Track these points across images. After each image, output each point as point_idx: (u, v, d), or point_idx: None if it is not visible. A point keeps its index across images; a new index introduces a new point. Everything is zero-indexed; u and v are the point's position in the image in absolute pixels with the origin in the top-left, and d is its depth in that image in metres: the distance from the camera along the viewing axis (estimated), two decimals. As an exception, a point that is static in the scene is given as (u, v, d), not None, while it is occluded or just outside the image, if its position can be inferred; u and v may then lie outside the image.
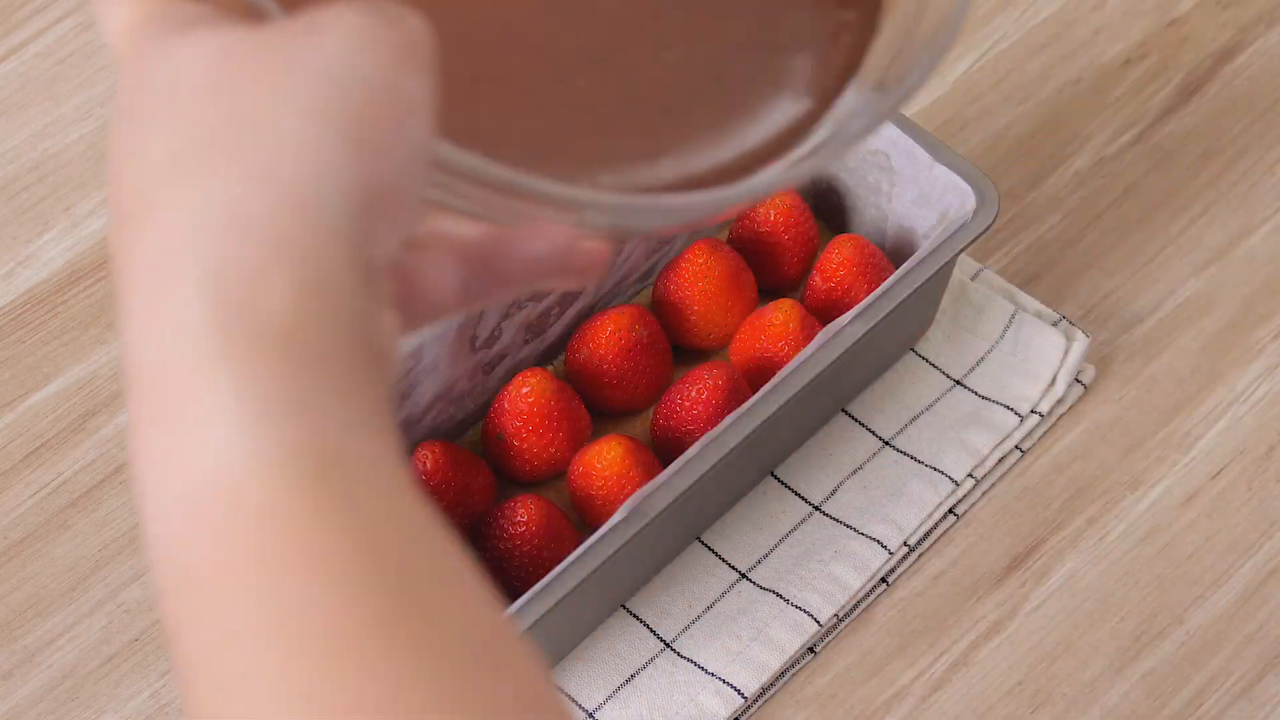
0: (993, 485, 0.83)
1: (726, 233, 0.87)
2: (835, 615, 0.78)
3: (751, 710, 0.77)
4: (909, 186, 0.82)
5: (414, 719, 0.30)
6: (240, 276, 0.33)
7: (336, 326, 0.34)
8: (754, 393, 0.77)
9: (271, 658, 0.31)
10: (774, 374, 0.78)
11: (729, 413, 0.76)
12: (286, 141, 0.35)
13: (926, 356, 0.86)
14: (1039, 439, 0.84)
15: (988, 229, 0.78)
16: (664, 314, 0.83)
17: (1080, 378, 0.85)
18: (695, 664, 0.77)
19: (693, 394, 0.78)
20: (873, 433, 0.83)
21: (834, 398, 0.83)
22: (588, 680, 0.77)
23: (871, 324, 0.76)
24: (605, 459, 0.76)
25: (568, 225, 0.40)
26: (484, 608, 0.33)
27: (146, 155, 0.36)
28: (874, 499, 0.81)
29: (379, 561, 0.31)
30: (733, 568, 0.80)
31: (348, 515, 0.32)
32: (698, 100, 0.47)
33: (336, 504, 0.32)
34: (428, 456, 0.76)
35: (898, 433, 0.83)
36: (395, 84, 0.36)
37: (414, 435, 0.78)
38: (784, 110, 0.48)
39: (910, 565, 0.80)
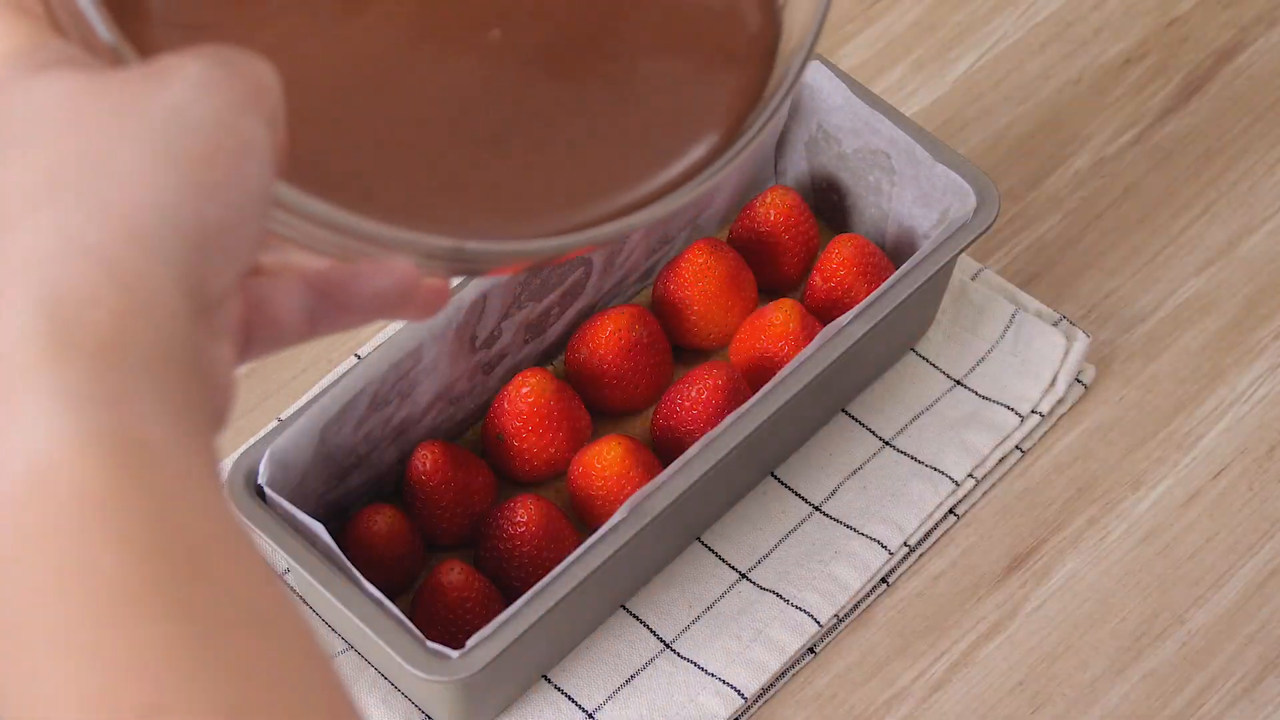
0: (993, 485, 0.83)
1: (727, 232, 0.87)
2: (835, 615, 0.78)
3: (751, 710, 0.77)
4: (909, 186, 0.82)
5: (182, 673, 0.33)
6: (72, 295, 0.36)
7: (159, 345, 0.37)
8: (754, 393, 0.77)
9: (58, 613, 0.33)
10: (774, 374, 0.78)
11: (729, 413, 0.76)
12: (126, 178, 0.38)
13: (927, 356, 0.85)
14: (1039, 439, 0.84)
15: (988, 229, 0.78)
16: (664, 314, 0.83)
17: (1081, 378, 0.85)
18: (695, 664, 0.77)
19: (693, 394, 0.78)
20: (873, 433, 0.83)
21: (834, 398, 0.83)
22: (587, 681, 0.77)
23: (872, 324, 0.76)
24: (605, 459, 0.76)
25: (408, 264, 0.44)
26: (265, 585, 0.36)
27: (3, 183, 0.39)
28: (874, 499, 0.81)
29: (167, 536, 0.35)
30: (733, 568, 0.80)
31: (144, 494, 0.35)
32: (548, 146, 0.50)
33: (135, 484, 0.35)
34: (427, 456, 0.76)
35: (898, 433, 0.83)
36: (233, 128, 0.40)
37: (413, 435, 0.78)
38: (655, 155, 0.51)
39: (910, 565, 0.80)
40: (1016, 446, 0.83)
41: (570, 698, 0.76)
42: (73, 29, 0.43)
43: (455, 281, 0.77)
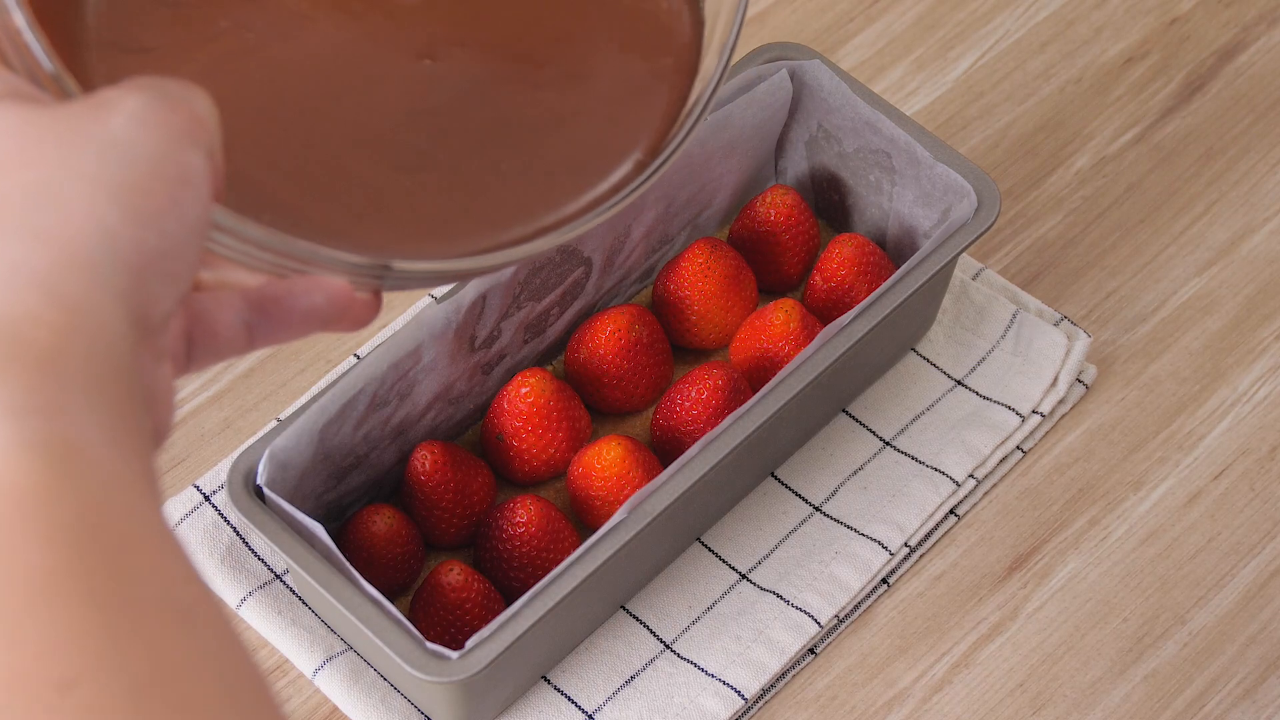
0: (994, 486, 0.83)
1: (727, 232, 0.87)
2: (836, 616, 0.78)
3: (752, 711, 0.77)
4: (910, 186, 0.82)
5: (97, 650, 0.35)
6: (13, 314, 0.38)
7: (99, 363, 0.39)
8: (754, 393, 0.77)
9: None
10: (774, 374, 0.78)
11: (729, 413, 0.76)
12: (68, 208, 0.40)
13: (927, 356, 0.85)
14: (1040, 439, 0.84)
15: (989, 228, 0.78)
16: (664, 314, 0.83)
17: (1082, 378, 0.85)
18: (695, 665, 0.77)
19: (693, 394, 0.78)
20: (873, 433, 0.83)
21: (835, 398, 0.82)
22: (587, 681, 0.76)
23: (872, 324, 0.76)
24: (605, 459, 0.76)
25: (341, 281, 0.47)
26: (186, 581, 0.38)
27: None
28: (875, 499, 0.81)
29: (91, 532, 0.37)
30: (733, 569, 0.79)
31: (72, 495, 0.37)
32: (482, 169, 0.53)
33: (65, 485, 0.37)
34: (426, 457, 0.76)
35: (899, 433, 0.83)
36: (171, 159, 0.42)
37: (413, 435, 0.78)
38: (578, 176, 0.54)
39: (911, 566, 0.80)
40: (1018, 447, 0.83)
41: (570, 698, 0.76)
42: (16, 59, 0.45)
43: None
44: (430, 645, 0.68)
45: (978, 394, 0.84)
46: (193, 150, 0.42)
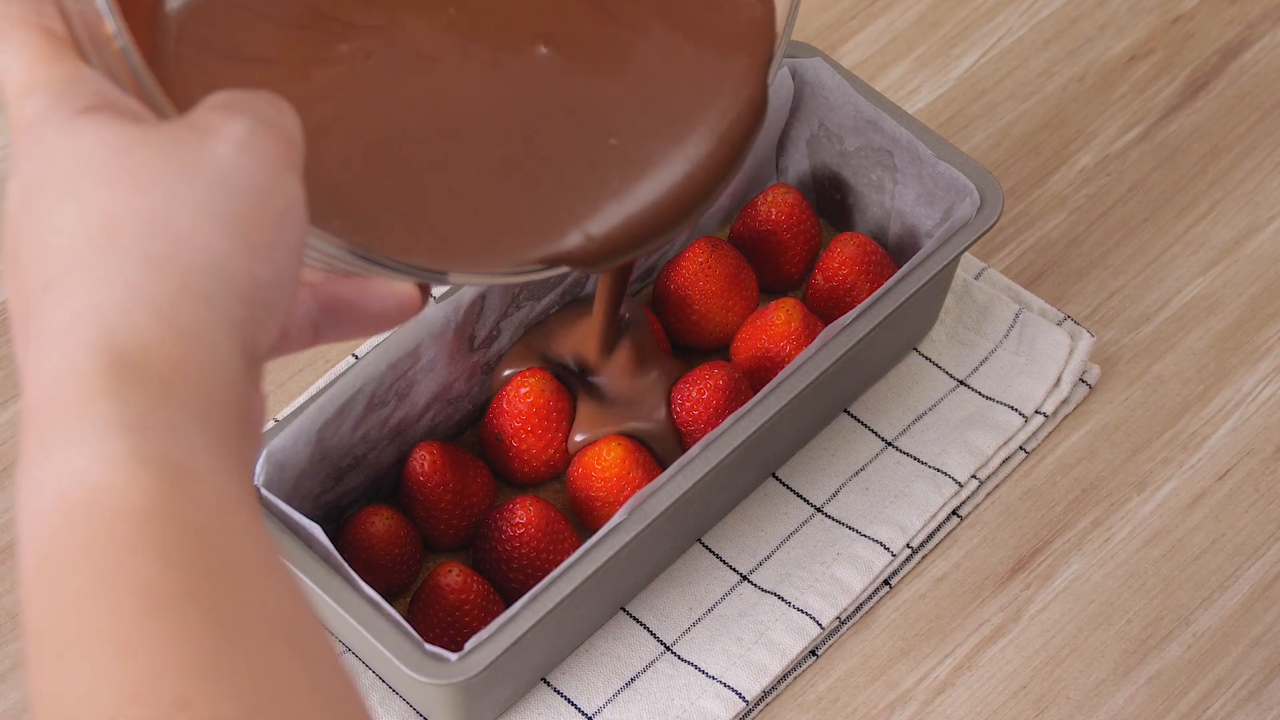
0: (996, 486, 0.82)
1: (728, 231, 0.86)
2: (837, 618, 0.78)
3: (753, 714, 0.76)
4: (912, 184, 0.82)
5: (211, 671, 0.36)
6: (133, 340, 0.39)
7: (210, 389, 0.40)
8: (755, 393, 0.77)
9: (102, 613, 0.36)
10: (775, 374, 0.77)
11: (730, 413, 0.75)
12: (183, 238, 0.41)
13: (930, 356, 0.85)
14: (1043, 440, 0.83)
15: (991, 227, 0.78)
16: (665, 313, 0.82)
17: (1085, 378, 0.85)
18: (696, 667, 0.76)
19: (693, 394, 0.77)
20: (875, 433, 0.83)
21: (836, 398, 0.82)
22: (587, 683, 0.76)
23: (874, 323, 0.75)
24: (605, 459, 0.76)
25: (412, 288, 0.49)
26: (294, 604, 0.39)
27: (57, 230, 0.41)
28: (876, 500, 0.81)
29: (206, 551, 0.37)
30: (734, 570, 0.79)
31: (187, 514, 0.38)
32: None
33: (180, 504, 0.38)
34: (425, 457, 0.76)
35: (901, 433, 0.83)
36: (276, 187, 0.42)
37: (411, 436, 0.78)
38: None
39: (913, 567, 0.80)
40: (1020, 447, 0.83)
41: (570, 700, 0.76)
42: (97, 58, 0.45)
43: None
44: (429, 647, 0.68)
45: (980, 394, 0.84)
46: (294, 178, 0.43)
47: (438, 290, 0.85)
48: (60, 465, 0.38)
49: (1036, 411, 0.83)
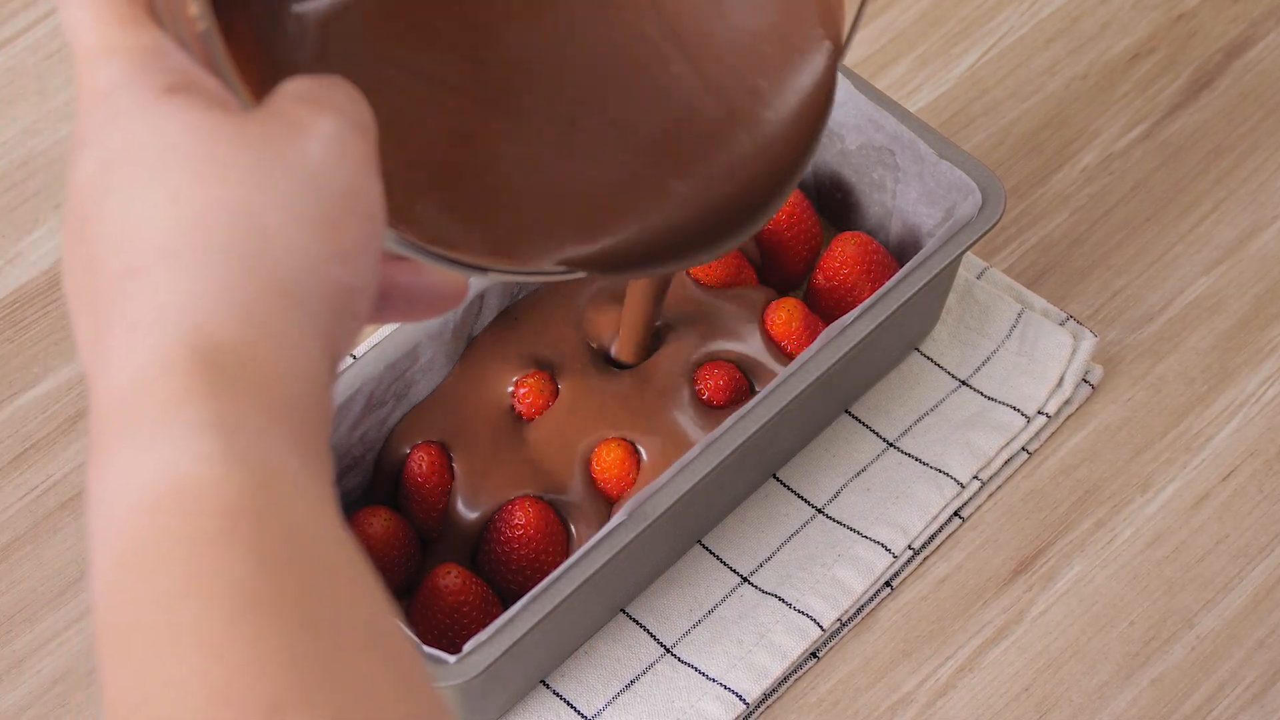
0: (999, 487, 0.82)
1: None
2: (838, 620, 0.77)
3: (753, 716, 0.76)
4: (913, 183, 0.81)
5: (304, 677, 0.35)
6: (225, 341, 0.38)
7: (297, 394, 0.39)
8: (756, 392, 0.76)
9: (190, 612, 0.35)
10: (776, 374, 0.77)
11: (731, 413, 0.75)
12: (273, 238, 0.40)
13: (931, 356, 0.85)
14: (1046, 440, 0.83)
15: (993, 226, 0.77)
16: (664, 313, 0.82)
17: (1088, 378, 0.84)
18: (696, 669, 0.76)
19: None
20: (877, 434, 0.82)
21: (837, 398, 0.82)
22: (587, 686, 0.76)
23: (876, 323, 0.75)
24: (605, 460, 0.75)
25: (463, 277, 0.50)
26: (383, 611, 0.38)
27: (142, 217, 0.39)
28: (878, 501, 0.80)
29: (298, 555, 0.37)
30: (734, 571, 0.79)
31: (278, 516, 0.37)
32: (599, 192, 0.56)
33: (271, 506, 0.37)
34: (423, 458, 0.75)
35: (902, 434, 0.82)
36: (363, 190, 0.42)
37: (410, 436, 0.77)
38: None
39: (915, 569, 0.80)
40: (1023, 448, 0.83)
41: (569, 703, 0.75)
42: (173, 25, 0.43)
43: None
44: (427, 649, 0.67)
45: (982, 394, 0.83)
46: (378, 181, 0.42)
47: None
48: (149, 460, 0.37)
49: (1039, 412, 0.83)
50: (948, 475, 0.81)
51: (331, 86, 0.43)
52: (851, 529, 0.80)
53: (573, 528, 0.75)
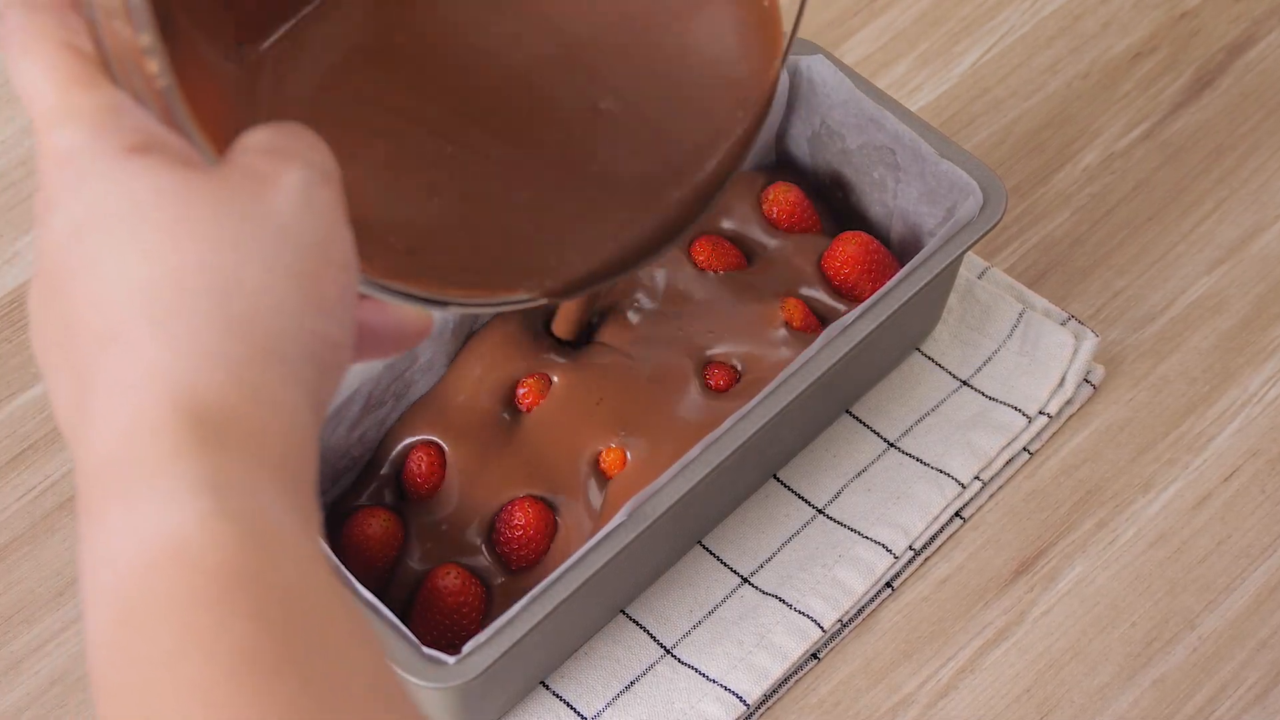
0: (1000, 488, 0.82)
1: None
2: (839, 621, 0.77)
3: (753, 717, 0.76)
4: (914, 183, 0.81)
5: None
6: (212, 401, 0.39)
7: (287, 451, 0.40)
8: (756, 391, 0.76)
9: (193, 671, 0.36)
10: (777, 374, 0.77)
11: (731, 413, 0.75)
12: (255, 296, 0.40)
13: (932, 356, 0.84)
14: (1047, 440, 0.83)
15: (994, 226, 0.77)
16: (664, 313, 0.82)
17: (1089, 378, 0.84)
18: (696, 670, 0.76)
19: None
20: (877, 434, 0.82)
21: (838, 399, 0.82)
22: (587, 687, 0.76)
23: (876, 323, 0.75)
24: (605, 460, 0.75)
25: (426, 314, 0.50)
26: (383, 666, 0.38)
27: (117, 279, 0.40)
28: (879, 502, 0.80)
29: (296, 613, 0.37)
30: (735, 572, 0.79)
31: (274, 574, 0.37)
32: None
33: (267, 564, 0.37)
34: (422, 459, 0.75)
35: (903, 434, 0.82)
36: (335, 241, 0.42)
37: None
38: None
39: (916, 569, 0.79)
40: (1024, 448, 0.82)
41: (569, 704, 0.75)
42: (126, 80, 0.43)
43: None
44: (427, 650, 0.67)
45: (983, 394, 0.83)
46: (347, 228, 0.42)
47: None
48: (142, 520, 0.37)
49: (1040, 412, 0.82)
50: (949, 475, 0.80)
51: (293, 135, 0.43)
52: (852, 529, 0.79)
53: (560, 523, 0.75)
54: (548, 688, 0.76)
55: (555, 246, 0.57)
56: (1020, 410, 0.82)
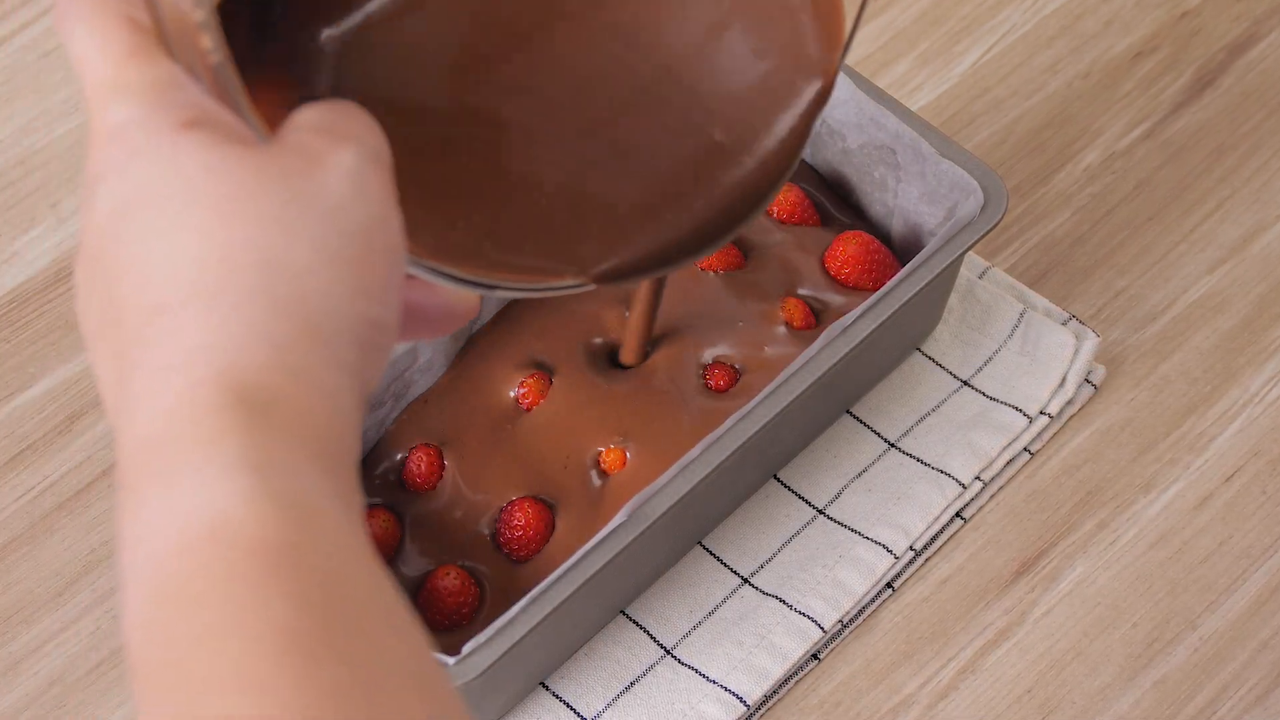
0: (1001, 488, 0.81)
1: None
2: (840, 621, 0.77)
3: (754, 718, 0.76)
4: (915, 182, 0.81)
5: (345, 715, 0.35)
6: (257, 382, 0.38)
7: (328, 430, 0.39)
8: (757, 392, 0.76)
9: (232, 649, 0.35)
10: (777, 374, 0.77)
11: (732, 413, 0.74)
12: (302, 276, 0.39)
13: (933, 356, 0.84)
14: (1048, 441, 0.83)
15: (995, 226, 0.77)
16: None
17: (1090, 378, 0.84)
18: (696, 671, 0.76)
19: (694, 395, 0.77)
20: (878, 434, 0.82)
21: (838, 399, 0.81)
22: (586, 688, 0.75)
23: (877, 323, 0.74)
24: (604, 462, 0.75)
25: (474, 294, 0.51)
26: (421, 649, 0.38)
27: (165, 256, 0.39)
28: (879, 502, 0.80)
29: (336, 594, 0.37)
30: (735, 573, 0.78)
31: (315, 555, 0.37)
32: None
33: (308, 544, 0.37)
34: (422, 459, 0.75)
35: (904, 434, 0.82)
36: (384, 224, 0.41)
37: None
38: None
39: (916, 570, 0.79)
40: (1025, 448, 0.82)
41: (569, 705, 0.75)
42: (182, 54, 0.42)
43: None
44: (425, 652, 0.67)
45: (984, 395, 0.83)
46: (397, 213, 0.42)
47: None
48: (183, 499, 0.37)
49: (1041, 412, 0.82)
50: (949, 476, 0.80)
51: (347, 115, 0.43)
52: (853, 530, 0.79)
53: (559, 523, 0.75)
54: (547, 688, 0.75)
55: (605, 233, 0.56)
56: (1021, 410, 0.82)
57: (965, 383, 0.84)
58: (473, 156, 0.53)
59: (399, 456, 0.77)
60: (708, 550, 0.79)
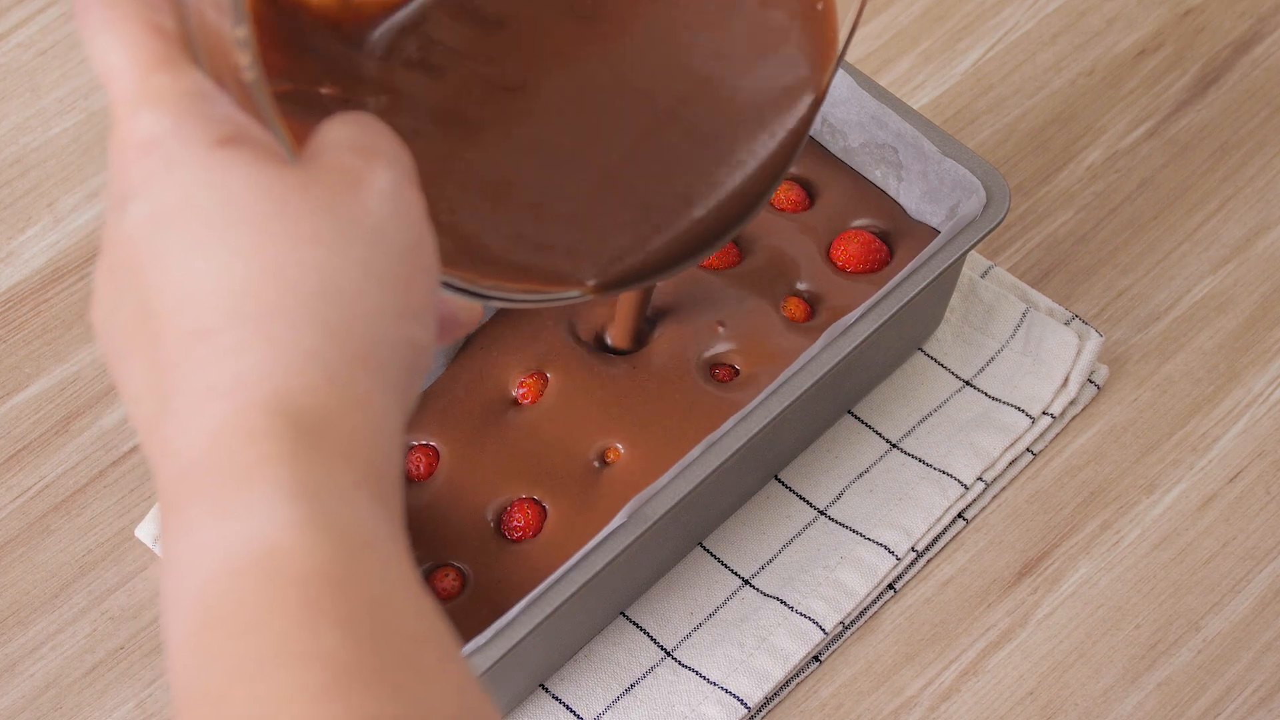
0: (1003, 489, 0.81)
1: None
2: (841, 623, 0.77)
3: (755, 721, 0.75)
4: (917, 181, 0.80)
5: None
6: (309, 407, 0.38)
7: (378, 456, 0.39)
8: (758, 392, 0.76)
9: (280, 678, 0.35)
10: (778, 374, 0.76)
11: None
12: (351, 300, 0.39)
13: (935, 356, 0.84)
14: (1051, 441, 0.82)
15: (998, 225, 0.77)
16: (665, 312, 0.81)
17: (1093, 378, 0.84)
18: (697, 673, 0.75)
19: (694, 395, 0.76)
20: (880, 435, 0.82)
21: (840, 399, 0.81)
22: (586, 689, 0.75)
23: (879, 323, 0.74)
24: (604, 461, 0.75)
25: (478, 305, 0.51)
26: (469, 682, 0.38)
27: (209, 275, 0.39)
28: (881, 503, 0.79)
29: (386, 626, 0.37)
30: (735, 574, 0.78)
31: (365, 585, 0.37)
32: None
33: (358, 574, 0.37)
34: (422, 459, 0.75)
35: (905, 435, 0.82)
36: (421, 244, 0.41)
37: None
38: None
39: (918, 571, 0.79)
40: (1027, 449, 0.82)
41: (569, 707, 0.75)
42: (210, 65, 0.42)
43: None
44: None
45: (987, 395, 0.83)
46: (431, 233, 0.42)
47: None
48: (232, 524, 0.37)
49: (1044, 413, 0.82)
50: (951, 477, 0.80)
51: (376, 131, 0.42)
52: (854, 531, 0.79)
53: (558, 523, 0.74)
54: (547, 690, 0.75)
55: (604, 242, 0.56)
56: (1024, 411, 0.82)
57: (967, 383, 0.83)
58: (480, 169, 0.53)
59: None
60: (708, 551, 0.79)
